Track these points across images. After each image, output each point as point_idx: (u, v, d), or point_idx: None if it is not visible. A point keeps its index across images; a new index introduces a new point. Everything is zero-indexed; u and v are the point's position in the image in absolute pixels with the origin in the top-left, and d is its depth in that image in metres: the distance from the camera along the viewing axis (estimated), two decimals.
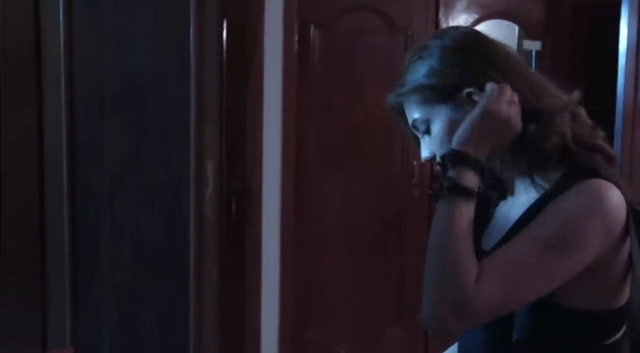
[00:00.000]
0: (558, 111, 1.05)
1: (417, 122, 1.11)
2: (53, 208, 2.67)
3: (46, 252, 2.66)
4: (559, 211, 0.99)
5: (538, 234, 0.98)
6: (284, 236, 3.00)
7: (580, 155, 1.04)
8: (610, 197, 0.98)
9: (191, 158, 2.83)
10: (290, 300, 3.03)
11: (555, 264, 0.96)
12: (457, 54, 1.07)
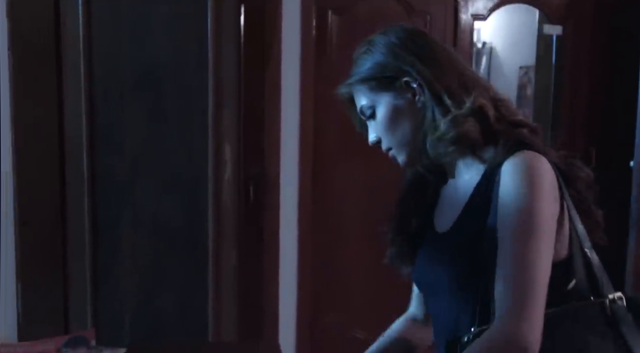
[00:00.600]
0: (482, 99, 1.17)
1: (364, 108, 1.25)
2: (74, 194, 2.70)
3: (67, 237, 2.71)
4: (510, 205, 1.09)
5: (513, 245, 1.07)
6: (301, 222, 3.02)
7: (507, 132, 1.16)
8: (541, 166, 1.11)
9: (209, 144, 2.85)
10: (308, 285, 3.05)
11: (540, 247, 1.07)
12: (396, 48, 1.21)
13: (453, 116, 1.15)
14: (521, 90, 4.41)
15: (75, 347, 1.62)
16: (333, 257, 3.09)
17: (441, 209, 1.27)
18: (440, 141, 1.17)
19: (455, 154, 1.18)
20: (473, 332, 1.09)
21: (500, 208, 1.10)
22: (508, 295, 1.04)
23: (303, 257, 3.03)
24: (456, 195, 1.22)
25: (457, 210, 1.20)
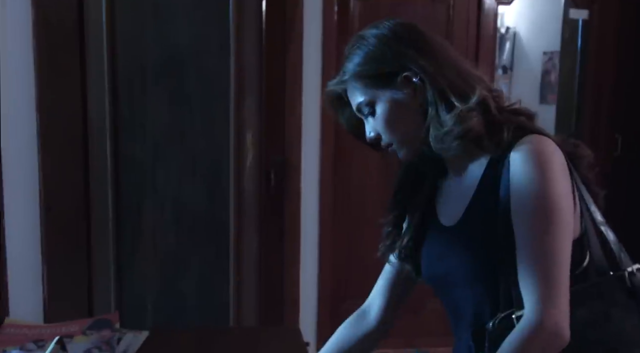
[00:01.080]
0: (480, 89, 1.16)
1: (362, 105, 1.22)
2: (97, 179, 2.73)
3: (91, 223, 2.74)
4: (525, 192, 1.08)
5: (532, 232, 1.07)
6: (322, 208, 3.02)
7: (509, 120, 1.16)
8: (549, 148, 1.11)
9: (231, 129, 2.86)
10: (329, 272, 3.06)
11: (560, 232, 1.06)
12: (391, 42, 1.18)
13: (459, 111, 1.13)
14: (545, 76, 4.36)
15: (99, 329, 1.65)
16: (353, 243, 3.09)
17: (445, 202, 1.25)
18: (446, 137, 1.14)
19: (459, 147, 1.15)
20: (497, 317, 1.09)
21: (515, 196, 1.09)
22: (534, 285, 1.04)
23: (324, 243, 3.03)
24: (460, 187, 1.21)
25: (464, 202, 1.18)
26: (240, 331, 2.39)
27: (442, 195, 1.26)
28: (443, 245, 1.22)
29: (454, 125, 1.13)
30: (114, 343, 1.61)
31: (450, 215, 1.21)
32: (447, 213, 1.23)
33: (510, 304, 1.08)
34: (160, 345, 1.69)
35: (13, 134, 1.93)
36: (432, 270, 1.26)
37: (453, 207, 1.21)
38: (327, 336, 3.15)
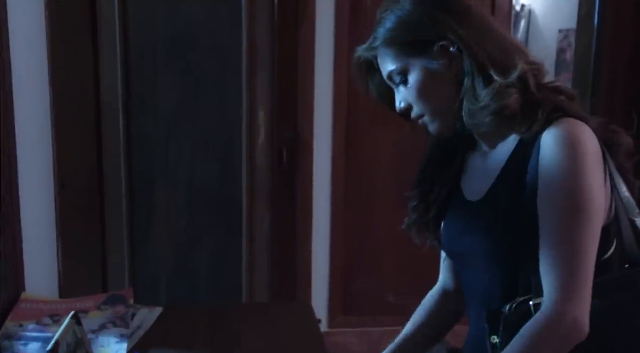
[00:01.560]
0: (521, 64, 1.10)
1: (393, 73, 1.15)
2: (110, 156, 2.74)
3: (104, 200, 2.76)
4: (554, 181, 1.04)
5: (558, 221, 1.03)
6: (334, 184, 3.02)
7: (546, 99, 1.09)
8: (583, 135, 1.05)
9: (243, 106, 2.86)
10: (341, 248, 3.07)
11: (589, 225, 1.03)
12: (427, 7, 1.11)
13: (498, 86, 1.07)
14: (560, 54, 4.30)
15: (113, 304, 1.67)
16: (366, 220, 3.09)
17: (470, 177, 1.22)
18: (480, 112, 1.09)
19: (492, 124, 1.10)
20: (515, 301, 1.06)
21: (543, 181, 1.05)
22: (555, 275, 1.01)
23: (336, 220, 3.04)
24: (488, 163, 1.16)
25: (490, 178, 1.14)
26: (252, 307, 2.41)
27: (469, 169, 1.23)
28: (464, 221, 1.19)
29: (491, 100, 1.07)
30: (128, 319, 1.63)
31: (474, 191, 1.18)
32: (471, 188, 1.19)
33: (528, 290, 1.06)
34: (173, 321, 1.71)
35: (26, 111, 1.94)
36: (452, 246, 1.23)
37: (478, 182, 1.17)
38: (339, 313, 3.18)
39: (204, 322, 1.72)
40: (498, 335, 1.06)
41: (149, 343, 1.56)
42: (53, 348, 1.23)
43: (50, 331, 1.50)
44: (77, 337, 1.36)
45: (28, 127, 1.96)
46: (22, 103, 1.86)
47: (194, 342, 1.59)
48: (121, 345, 1.51)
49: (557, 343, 1.01)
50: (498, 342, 1.06)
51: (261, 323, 1.73)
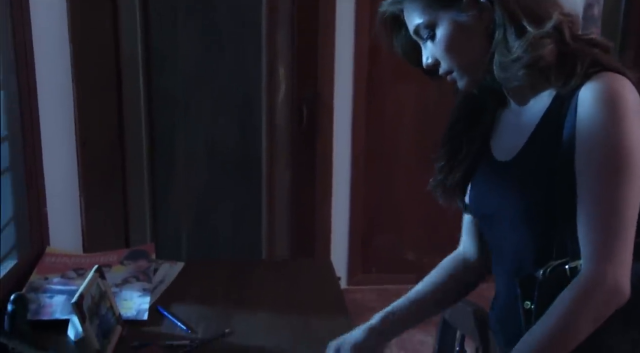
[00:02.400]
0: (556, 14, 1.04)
1: (420, 28, 1.09)
2: (130, 113, 2.75)
3: (126, 157, 2.78)
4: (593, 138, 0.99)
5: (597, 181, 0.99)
6: (354, 143, 3.01)
7: (582, 52, 1.03)
8: (624, 90, 0.99)
9: (263, 64, 2.84)
10: (361, 207, 3.08)
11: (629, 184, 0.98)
12: None
13: (531, 37, 1.01)
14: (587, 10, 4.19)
15: (136, 259, 1.69)
16: (386, 179, 3.09)
17: (500, 136, 1.15)
18: (512, 64, 1.03)
19: (525, 77, 1.04)
20: (549, 265, 1.02)
21: (581, 139, 0.99)
22: (595, 237, 0.98)
23: (356, 179, 3.04)
24: (521, 121, 1.10)
25: (523, 137, 1.08)
26: (272, 263, 2.44)
27: (499, 128, 1.16)
28: (494, 181, 1.13)
29: (524, 52, 1.01)
30: (150, 273, 1.66)
31: (505, 150, 1.12)
32: (502, 148, 1.13)
33: (564, 253, 1.02)
34: (195, 276, 1.74)
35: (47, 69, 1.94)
36: (480, 207, 1.18)
37: (510, 141, 1.11)
38: (358, 271, 3.21)
39: (224, 278, 1.74)
40: (532, 301, 1.03)
41: (171, 297, 1.59)
42: (78, 300, 1.26)
43: (74, 284, 1.53)
44: (101, 290, 1.38)
45: (49, 85, 1.96)
46: (43, 61, 1.86)
47: (215, 297, 1.61)
48: (144, 299, 1.54)
49: (597, 308, 0.97)
50: (533, 308, 1.03)
51: (281, 279, 1.75)
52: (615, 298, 0.97)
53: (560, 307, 0.98)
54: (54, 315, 1.44)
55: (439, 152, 1.22)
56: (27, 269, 1.63)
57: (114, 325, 1.38)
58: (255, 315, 1.52)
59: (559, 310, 0.98)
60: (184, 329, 1.43)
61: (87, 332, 1.26)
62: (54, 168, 1.96)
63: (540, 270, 1.03)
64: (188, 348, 1.34)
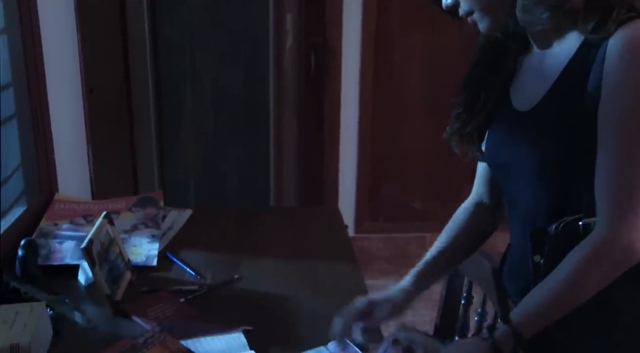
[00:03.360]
0: None
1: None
2: (136, 61, 2.72)
3: (133, 105, 2.76)
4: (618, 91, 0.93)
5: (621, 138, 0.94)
6: (363, 92, 2.98)
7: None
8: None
9: (270, 10, 2.78)
10: (368, 155, 3.07)
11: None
12: None
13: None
14: None
15: (144, 206, 1.70)
16: (393, 128, 3.07)
17: (522, 84, 1.10)
18: (536, 7, 0.97)
19: (549, 21, 0.98)
20: (563, 220, 0.99)
21: (607, 92, 0.94)
22: (612, 196, 0.94)
23: (364, 127, 3.02)
24: (543, 69, 1.04)
25: (544, 86, 1.02)
26: (281, 211, 2.45)
27: (521, 75, 1.11)
28: (512, 131, 1.09)
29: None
30: (159, 220, 1.66)
31: (525, 99, 1.07)
32: (522, 97, 1.08)
33: (578, 209, 0.99)
34: (203, 223, 1.74)
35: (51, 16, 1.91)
36: (496, 157, 1.14)
37: (531, 90, 1.06)
38: (365, 219, 3.21)
39: (233, 225, 1.75)
40: (542, 255, 1.01)
41: (180, 244, 1.60)
42: (87, 246, 1.26)
43: (84, 231, 1.54)
44: (110, 236, 1.39)
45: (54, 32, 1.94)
46: (47, 7, 1.83)
47: (223, 244, 1.62)
48: (153, 245, 1.55)
49: (607, 268, 0.95)
50: (542, 263, 1.01)
51: (290, 227, 1.75)
52: (627, 259, 0.95)
53: (571, 263, 0.96)
54: (64, 260, 1.45)
55: (457, 99, 1.16)
56: (37, 215, 1.64)
57: (124, 270, 1.40)
58: (264, 262, 1.53)
59: (570, 267, 0.96)
60: (193, 275, 1.44)
61: (97, 276, 1.28)
62: (60, 115, 1.96)
63: (552, 225, 1.00)
64: (197, 293, 1.36)
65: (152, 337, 1.06)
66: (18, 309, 1.11)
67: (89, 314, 1.26)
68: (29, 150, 1.75)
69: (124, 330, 1.20)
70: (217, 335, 1.17)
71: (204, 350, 1.11)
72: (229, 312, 1.29)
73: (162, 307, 1.28)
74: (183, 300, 1.32)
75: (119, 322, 1.25)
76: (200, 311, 1.28)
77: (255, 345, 1.14)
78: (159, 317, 1.24)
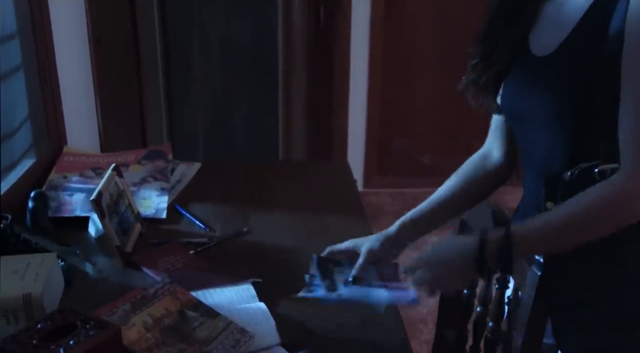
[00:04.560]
0: None
1: None
2: (144, 13, 2.68)
3: (140, 56, 2.74)
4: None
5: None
6: (373, 45, 2.94)
7: None
8: None
9: None
10: (377, 109, 3.04)
11: None
12: None
13: None
14: None
15: (153, 159, 1.69)
16: (402, 82, 3.04)
17: (541, 30, 1.06)
18: None
19: None
20: (578, 167, 0.98)
21: (630, 38, 0.90)
22: (634, 145, 0.91)
23: (373, 81, 2.99)
24: (563, 13, 1.01)
25: (564, 31, 0.99)
26: (290, 165, 2.44)
27: (540, 21, 1.06)
28: (529, 77, 1.06)
29: None
30: (167, 173, 1.66)
31: (544, 44, 1.03)
32: (541, 42, 1.05)
33: (595, 156, 0.97)
34: (212, 177, 1.74)
35: None
36: (512, 104, 1.11)
37: (550, 34, 1.02)
38: (374, 174, 3.21)
39: (241, 178, 1.75)
40: (555, 202, 0.99)
41: (189, 197, 1.60)
42: (96, 197, 1.26)
43: (93, 183, 1.54)
44: (119, 188, 1.39)
45: None
46: None
47: (232, 197, 1.62)
48: (162, 198, 1.55)
49: (621, 213, 0.93)
50: None
51: (299, 180, 1.75)
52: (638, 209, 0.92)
53: (589, 199, 0.94)
54: (74, 212, 1.46)
55: (474, 49, 1.13)
56: (46, 168, 1.64)
57: (133, 222, 1.40)
58: (272, 215, 1.53)
59: (586, 202, 0.95)
60: (202, 227, 1.44)
61: (106, 228, 1.28)
62: (67, 67, 1.94)
63: (567, 172, 0.99)
64: (206, 245, 1.36)
65: (163, 288, 1.07)
66: (29, 260, 1.12)
67: (100, 265, 1.27)
68: (37, 102, 1.74)
69: (134, 281, 1.21)
70: (226, 287, 1.18)
71: (214, 302, 1.12)
72: (238, 264, 1.29)
73: (172, 259, 1.29)
74: (192, 252, 1.32)
75: (129, 273, 1.26)
76: (210, 263, 1.28)
77: (264, 297, 1.15)
78: (168, 268, 1.25)
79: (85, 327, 0.90)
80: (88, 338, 0.88)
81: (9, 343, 0.87)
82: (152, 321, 0.99)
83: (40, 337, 0.88)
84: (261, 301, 1.14)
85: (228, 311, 1.08)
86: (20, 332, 0.89)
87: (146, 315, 1.00)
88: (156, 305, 1.03)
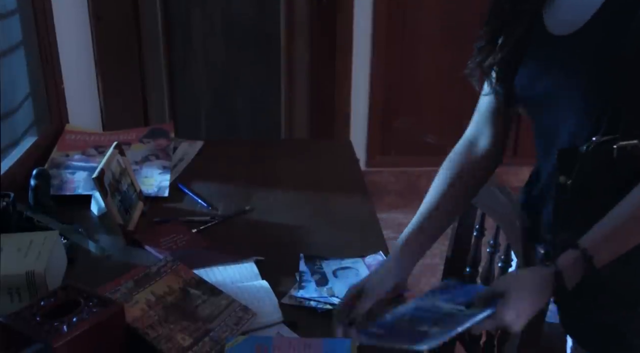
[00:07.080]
0: None
1: None
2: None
3: (142, 33, 2.71)
4: None
5: None
6: (376, 22, 2.91)
7: None
8: None
9: None
10: (381, 88, 3.02)
11: None
12: None
13: None
14: None
15: (155, 138, 1.69)
16: (406, 60, 3.01)
17: (558, 8, 1.00)
18: None
19: None
20: (595, 141, 0.93)
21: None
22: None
23: (377, 59, 2.96)
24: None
25: (590, 7, 0.94)
26: (292, 143, 2.43)
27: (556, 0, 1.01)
28: (551, 59, 1.00)
29: None
30: (170, 151, 1.66)
31: (565, 23, 0.98)
32: (561, 20, 0.99)
33: (614, 130, 0.92)
34: (214, 155, 1.74)
35: None
36: (530, 89, 1.04)
37: (571, 12, 0.97)
38: (377, 153, 3.19)
39: (244, 157, 1.74)
40: (570, 175, 0.96)
41: (192, 175, 1.60)
42: (99, 175, 1.26)
43: (95, 161, 1.54)
44: (121, 166, 1.39)
45: None
46: None
47: (234, 176, 1.62)
48: (164, 176, 1.55)
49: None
50: (569, 184, 0.96)
51: (301, 159, 1.74)
52: None
53: None
54: (77, 190, 1.46)
55: (482, 30, 1.07)
56: (48, 146, 1.63)
57: (136, 201, 1.40)
58: (275, 194, 1.52)
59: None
60: (205, 206, 1.44)
61: (109, 206, 1.28)
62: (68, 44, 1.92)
63: (584, 146, 0.94)
64: (209, 224, 1.36)
65: (165, 266, 1.07)
66: (32, 237, 1.12)
67: (102, 243, 1.27)
68: (38, 80, 1.73)
69: (137, 259, 1.22)
70: (229, 265, 1.18)
71: (216, 279, 1.12)
72: (241, 242, 1.29)
73: (175, 237, 1.29)
74: (195, 230, 1.33)
75: (132, 251, 1.26)
76: (212, 242, 1.28)
77: (267, 275, 1.15)
78: (171, 247, 1.25)
79: (89, 304, 0.90)
80: (91, 315, 0.89)
81: (12, 320, 0.88)
82: (155, 299, 1.00)
83: (43, 313, 0.89)
84: (264, 279, 1.14)
85: (231, 289, 1.08)
86: (24, 308, 0.90)
87: (149, 292, 1.00)
88: (159, 283, 1.03)
